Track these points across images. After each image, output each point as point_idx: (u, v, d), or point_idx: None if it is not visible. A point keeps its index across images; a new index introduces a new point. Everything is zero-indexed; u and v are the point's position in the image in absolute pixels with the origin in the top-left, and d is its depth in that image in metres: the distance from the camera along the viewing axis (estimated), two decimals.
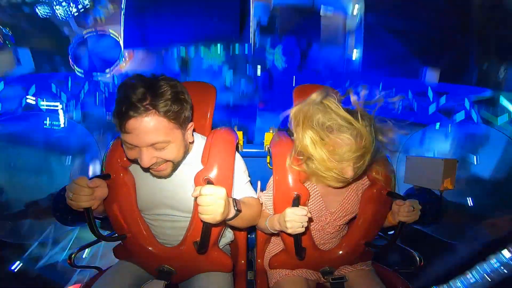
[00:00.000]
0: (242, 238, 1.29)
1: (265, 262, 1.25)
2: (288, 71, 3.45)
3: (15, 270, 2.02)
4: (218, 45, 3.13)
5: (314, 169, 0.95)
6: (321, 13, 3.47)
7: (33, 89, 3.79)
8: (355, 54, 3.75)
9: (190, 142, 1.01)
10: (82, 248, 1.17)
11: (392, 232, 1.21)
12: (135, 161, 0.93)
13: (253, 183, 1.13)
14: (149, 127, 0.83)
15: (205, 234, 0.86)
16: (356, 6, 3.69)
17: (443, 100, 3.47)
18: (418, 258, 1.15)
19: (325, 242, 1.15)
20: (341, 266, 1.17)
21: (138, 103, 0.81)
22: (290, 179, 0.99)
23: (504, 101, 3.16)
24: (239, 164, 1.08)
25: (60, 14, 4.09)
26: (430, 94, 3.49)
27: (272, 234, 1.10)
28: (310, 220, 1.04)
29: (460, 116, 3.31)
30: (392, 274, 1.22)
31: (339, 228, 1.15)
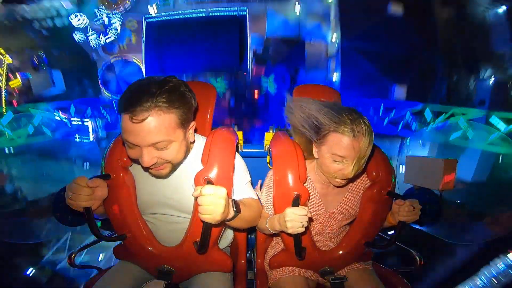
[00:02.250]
0: (242, 238, 1.29)
1: (265, 262, 1.25)
2: (280, 94, 4.11)
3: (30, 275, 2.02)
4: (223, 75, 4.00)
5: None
6: (306, 42, 4.11)
7: (72, 108, 4.57)
8: (335, 77, 4.41)
9: (191, 142, 1.00)
10: (82, 248, 1.17)
11: (392, 232, 1.21)
12: (135, 161, 0.93)
13: (253, 183, 1.13)
14: (151, 126, 0.82)
15: (205, 234, 0.86)
16: (335, 34, 4.26)
17: (392, 114, 4.33)
18: (418, 258, 1.15)
19: (325, 242, 1.15)
20: (341, 267, 1.17)
21: (142, 101, 0.81)
22: (290, 179, 0.99)
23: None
24: (240, 165, 1.08)
25: (92, 41, 4.55)
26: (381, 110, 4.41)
27: (273, 235, 1.10)
28: (310, 220, 1.04)
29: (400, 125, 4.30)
30: (392, 274, 1.22)
31: (339, 229, 1.15)
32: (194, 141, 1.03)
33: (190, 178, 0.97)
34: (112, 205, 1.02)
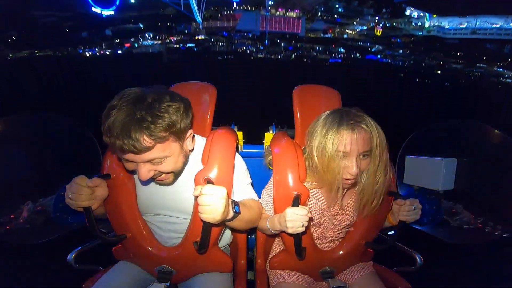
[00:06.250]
0: (242, 239, 1.29)
1: (265, 262, 1.25)
2: None
3: None
4: None
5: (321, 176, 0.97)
6: None
7: None
8: None
9: (190, 150, 0.98)
10: (82, 248, 1.17)
11: (392, 232, 1.21)
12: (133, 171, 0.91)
13: (253, 184, 1.13)
14: (145, 148, 0.79)
15: (205, 234, 0.86)
16: None
17: None
18: (418, 258, 1.15)
19: (325, 242, 1.15)
20: (341, 267, 1.16)
21: (141, 141, 0.77)
22: (290, 179, 0.99)
23: None
24: (240, 165, 1.08)
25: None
26: None
27: (273, 235, 1.09)
28: (310, 219, 1.04)
29: None
30: (392, 274, 1.22)
31: (338, 234, 1.14)
32: (193, 149, 1.01)
33: (190, 179, 0.97)
34: (112, 205, 1.02)
